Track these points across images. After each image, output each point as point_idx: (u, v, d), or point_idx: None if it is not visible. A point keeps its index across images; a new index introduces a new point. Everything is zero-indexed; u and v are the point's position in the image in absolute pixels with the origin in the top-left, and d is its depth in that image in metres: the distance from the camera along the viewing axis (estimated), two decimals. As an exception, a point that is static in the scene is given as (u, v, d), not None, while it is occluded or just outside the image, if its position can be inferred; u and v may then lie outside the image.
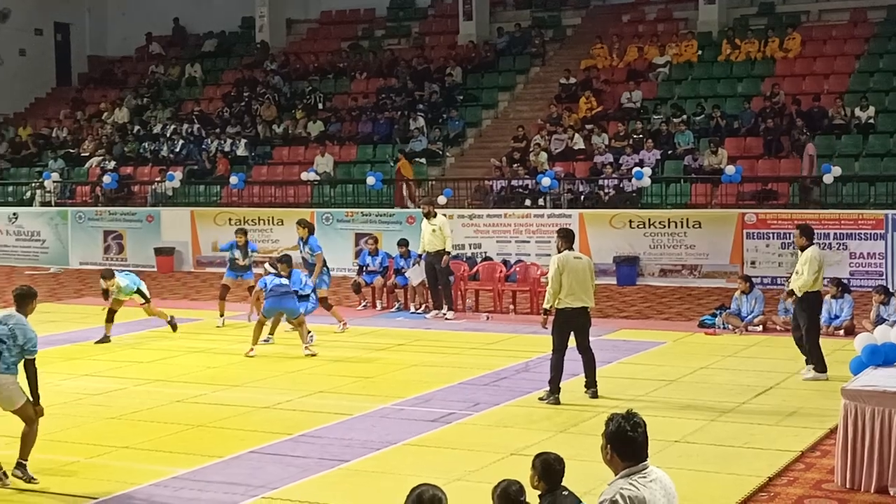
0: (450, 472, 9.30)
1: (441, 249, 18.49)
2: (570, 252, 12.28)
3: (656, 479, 5.09)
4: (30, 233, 28.38)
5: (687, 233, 22.44)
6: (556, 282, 12.06)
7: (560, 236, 12.48)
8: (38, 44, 37.62)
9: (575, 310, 12.10)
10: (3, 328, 9.14)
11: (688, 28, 30.33)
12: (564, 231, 12.63)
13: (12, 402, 9.21)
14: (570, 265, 12.09)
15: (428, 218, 18.62)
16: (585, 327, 12.32)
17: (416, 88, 30.18)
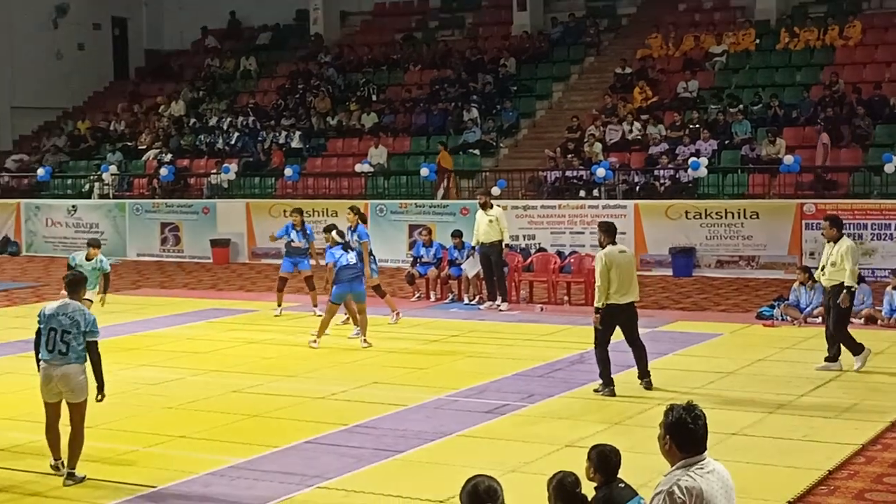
0: (504, 464, 9.26)
1: (497, 241, 18.41)
2: (615, 246, 12.13)
3: (714, 470, 5.04)
4: (88, 225, 28.71)
5: (744, 223, 22.19)
6: (605, 279, 11.89)
7: (602, 230, 12.32)
8: (96, 38, 38.05)
9: (622, 305, 11.97)
10: (64, 319, 9.17)
11: (745, 16, 29.96)
12: (606, 225, 12.47)
13: (77, 395, 9.22)
14: (616, 260, 11.95)
15: (484, 209, 18.54)
16: (633, 321, 12.21)
17: (469, 80, 30.12)
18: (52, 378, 9.17)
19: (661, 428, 5.08)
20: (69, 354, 9.13)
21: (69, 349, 9.13)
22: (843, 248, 12.93)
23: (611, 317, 12.01)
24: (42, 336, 9.24)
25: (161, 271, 25.46)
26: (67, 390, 9.19)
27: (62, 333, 9.13)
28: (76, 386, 9.18)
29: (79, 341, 9.15)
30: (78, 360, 9.17)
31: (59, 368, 9.13)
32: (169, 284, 23.10)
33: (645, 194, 23.96)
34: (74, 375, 9.16)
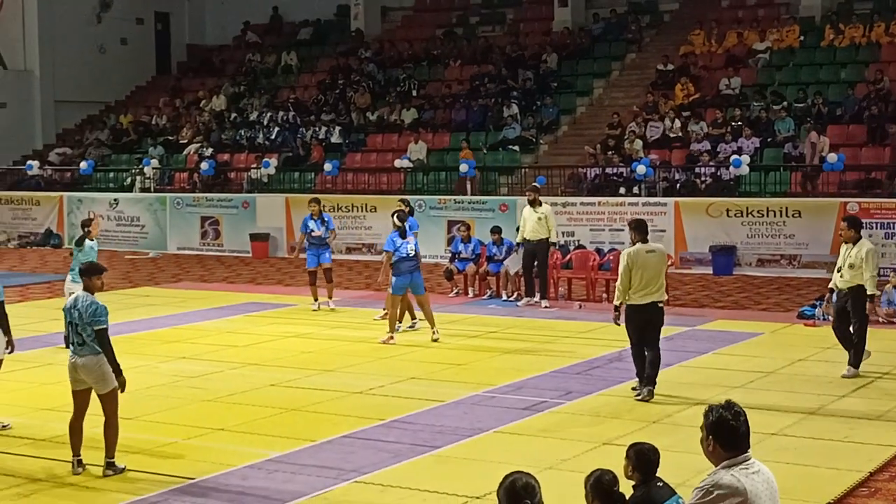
0: (541, 461, 9.23)
1: (544, 238, 18.26)
2: (643, 245, 11.67)
3: (759, 471, 4.97)
4: (130, 218, 28.95)
5: (786, 222, 21.98)
6: (625, 278, 11.53)
7: (632, 228, 11.89)
8: (139, 33, 38.33)
9: (643, 306, 11.57)
10: (75, 312, 9.31)
11: (789, 13, 29.68)
12: (636, 222, 12.03)
13: (106, 383, 9.29)
14: (640, 260, 11.53)
15: (533, 206, 18.37)
16: (656, 324, 11.75)
17: (510, 76, 30.05)
18: (76, 367, 9.34)
19: (703, 430, 5.02)
20: (85, 345, 9.27)
21: (84, 340, 9.28)
22: (864, 252, 12.45)
23: (635, 317, 11.63)
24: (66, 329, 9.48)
25: (201, 265, 25.62)
26: (92, 381, 9.32)
27: (76, 326, 9.31)
28: (99, 376, 9.28)
29: (87, 333, 9.25)
30: (94, 351, 9.28)
31: (81, 359, 9.28)
32: (209, 278, 23.23)
33: (686, 192, 23.80)
34: (94, 366, 9.26)
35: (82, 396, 9.41)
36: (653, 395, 11.60)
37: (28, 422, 11.07)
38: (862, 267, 12.39)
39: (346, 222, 26.05)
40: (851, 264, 12.49)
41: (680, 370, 13.25)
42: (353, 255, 26.05)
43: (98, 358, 9.26)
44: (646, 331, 11.67)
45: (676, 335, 15.64)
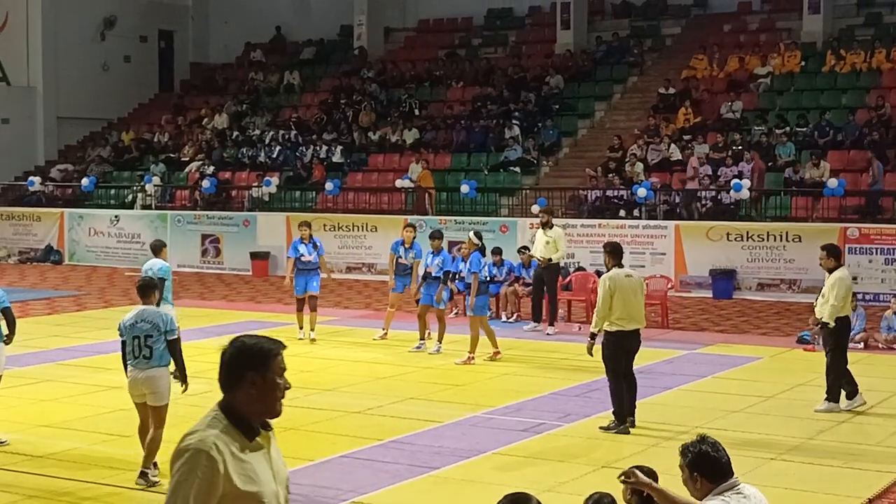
0: (540, 483, 9.21)
1: (554, 262, 18.11)
2: (621, 270, 11.44)
3: (750, 495, 4.98)
4: (130, 235, 28.97)
5: (786, 246, 22.00)
6: (605, 304, 11.20)
7: (607, 252, 11.64)
8: (143, 51, 38.45)
9: (627, 333, 11.35)
10: (143, 325, 9.49)
11: (791, 38, 29.77)
12: (612, 246, 11.80)
13: (159, 398, 9.54)
14: (620, 285, 11.28)
15: (544, 228, 18.33)
16: (635, 350, 11.56)
17: (512, 97, 30.13)
18: (138, 381, 9.51)
19: (685, 469, 5.02)
20: (152, 358, 9.49)
21: (152, 353, 9.50)
22: (832, 280, 12.06)
23: (617, 344, 11.36)
24: (126, 346, 9.55)
25: (201, 283, 25.61)
26: (150, 393, 9.51)
27: (144, 339, 9.47)
28: (158, 389, 9.54)
29: (159, 344, 9.49)
30: (161, 363, 9.56)
31: (144, 372, 9.47)
32: (208, 296, 23.22)
33: (686, 215, 23.82)
34: (158, 378, 9.54)
35: (145, 408, 9.62)
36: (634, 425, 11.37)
37: (26, 438, 11.05)
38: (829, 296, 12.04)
39: (346, 242, 26.06)
40: (823, 293, 12.20)
41: (679, 394, 13.24)
42: (354, 274, 26.06)
43: (162, 371, 9.56)
44: (624, 360, 11.47)
45: (676, 359, 15.65)
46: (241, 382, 4.07)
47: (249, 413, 4.08)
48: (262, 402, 4.09)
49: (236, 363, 4.09)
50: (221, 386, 4.11)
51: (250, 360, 4.09)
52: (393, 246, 17.42)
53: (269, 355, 4.12)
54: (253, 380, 4.05)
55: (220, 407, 4.09)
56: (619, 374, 11.36)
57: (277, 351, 4.14)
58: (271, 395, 4.09)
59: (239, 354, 4.11)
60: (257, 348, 4.12)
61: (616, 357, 11.37)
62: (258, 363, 4.09)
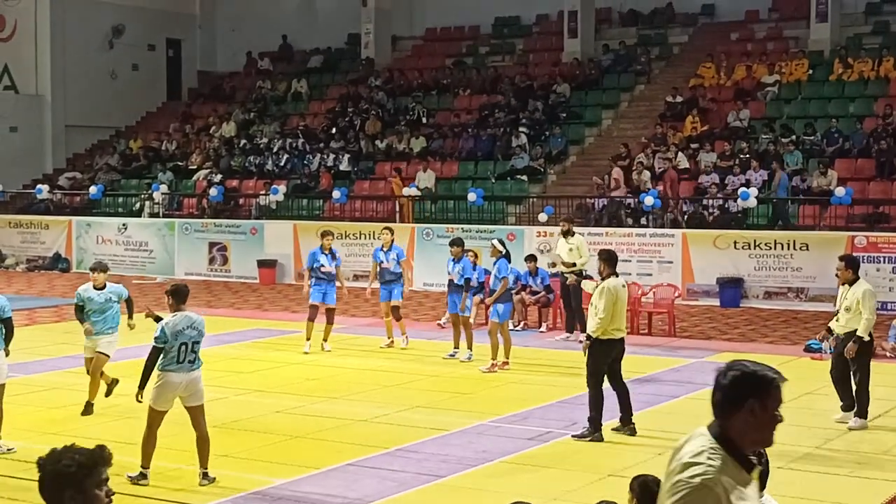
0: (546, 491, 9.20)
1: (577, 270, 17.91)
2: (617, 279, 11.53)
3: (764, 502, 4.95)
4: (138, 243, 29.01)
5: (794, 255, 21.96)
6: (609, 311, 11.27)
7: (603, 259, 11.67)
8: (151, 59, 38.55)
9: (616, 341, 11.47)
10: (191, 331, 9.68)
11: (798, 47, 29.76)
12: (608, 253, 11.85)
13: (200, 397, 9.80)
14: (619, 295, 11.39)
15: (566, 237, 18.23)
16: (621, 357, 11.67)
17: (519, 106, 30.14)
18: (176, 386, 9.63)
19: None
20: (196, 362, 9.73)
21: (196, 358, 9.73)
22: (860, 293, 11.77)
23: (606, 353, 11.44)
24: (170, 350, 9.62)
25: (208, 290, 25.63)
26: (190, 395, 9.71)
27: (192, 345, 9.66)
28: (199, 389, 9.78)
29: (199, 347, 9.77)
30: (201, 366, 9.83)
31: (187, 375, 9.66)
32: (215, 304, 23.24)
33: (693, 223, 23.80)
34: (200, 380, 9.80)
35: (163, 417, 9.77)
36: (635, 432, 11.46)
37: (34, 446, 11.04)
38: (859, 310, 11.73)
39: (353, 249, 26.07)
40: (848, 307, 11.84)
41: (687, 402, 13.22)
42: (361, 282, 26.01)
43: (200, 372, 9.84)
44: (611, 367, 11.54)
45: (683, 367, 15.63)
46: (740, 409, 3.96)
47: (743, 442, 3.98)
48: (759, 432, 3.98)
49: (738, 388, 3.99)
50: (716, 411, 4.02)
51: (754, 386, 3.99)
52: (374, 253, 17.37)
53: (772, 384, 4.01)
54: (752, 407, 3.95)
55: (713, 433, 3.98)
56: (601, 382, 11.45)
57: (780, 381, 4.04)
58: (769, 426, 3.98)
59: (743, 379, 4.01)
60: (761, 375, 4.02)
61: (602, 364, 11.45)
62: (762, 391, 3.98)
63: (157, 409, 9.68)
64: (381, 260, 17.03)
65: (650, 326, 19.08)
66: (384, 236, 17.33)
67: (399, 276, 17.01)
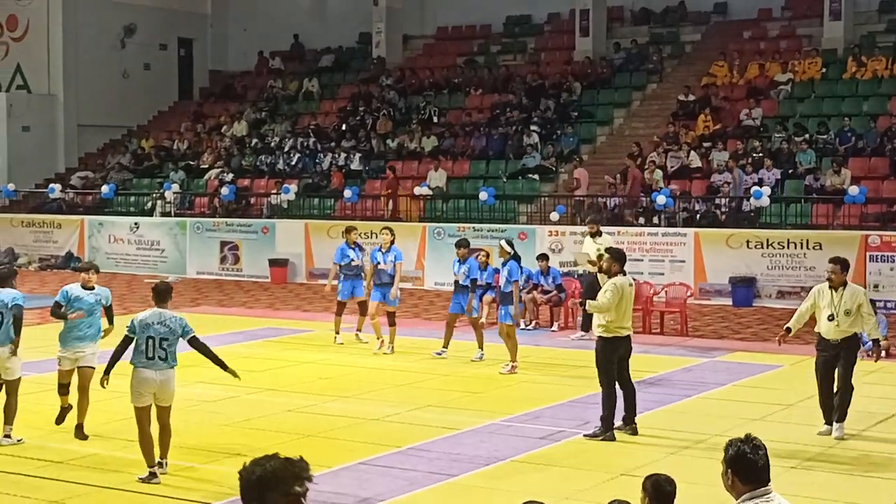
0: (558, 491, 9.17)
1: None
2: (625, 278, 11.51)
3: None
4: (149, 242, 29.05)
5: (807, 254, 21.88)
6: (612, 303, 11.24)
7: (614, 258, 11.69)
8: (163, 58, 38.61)
9: (624, 338, 11.49)
10: (160, 327, 9.63)
11: (812, 45, 29.66)
12: (618, 252, 11.89)
13: (169, 399, 9.80)
14: (625, 293, 11.39)
15: (594, 237, 18.16)
16: (629, 356, 11.65)
17: (531, 104, 30.10)
18: (151, 383, 9.60)
19: (723, 464, 5.01)
20: (168, 360, 9.65)
21: (167, 355, 9.64)
22: (861, 295, 11.45)
23: (613, 351, 11.45)
24: (139, 344, 9.65)
25: (220, 289, 25.66)
26: (162, 395, 9.68)
27: (160, 341, 9.58)
28: (171, 391, 9.75)
29: (174, 347, 9.67)
30: (174, 366, 9.74)
31: (161, 373, 9.62)
32: (227, 303, 23.26)
33: (706, 223, 23.73)
34: (172, 381, 9.74)
35: (147, 412, 9.74)
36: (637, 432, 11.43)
37: (47, 443, 11.08)
38: (859, 314, 11.35)
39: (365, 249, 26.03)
40: (848, 310, 11.34)
41: (699, 402, 13.18)
42: (371, 281, 26.01)
43: (173, 372, 9.75)
44: (622, 364, 11.55)
45: (695, 367, 15.59)
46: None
47: None
48: None
49: None
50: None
51: None
52: (372, 254, 16.96)
53: None
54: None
55: None
56: (613, 381, 11.44)
57: None
58: None
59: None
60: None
61: (611, 363, 11.45)
62: None
63: (138, 406, 9.69)
64: (379, 261, 16.68)
65: (662, 326, 19.04)
66: (383, 237, 16.98)
67: (393, 279, 16.66)
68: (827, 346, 11.48)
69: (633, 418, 11.55)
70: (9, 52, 36.25)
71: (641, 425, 11.73)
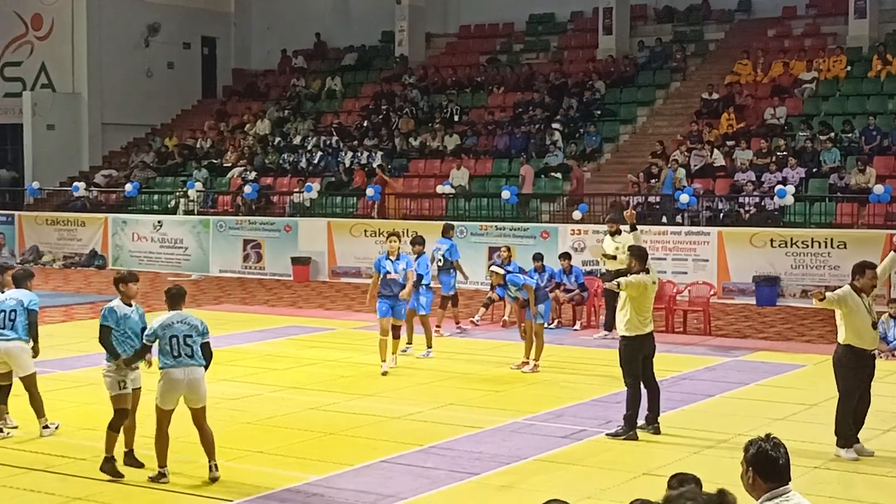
0: (581, 490, 9.15)
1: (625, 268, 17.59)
2: (647, 276, 11.50)
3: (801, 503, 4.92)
4: (173, 240, 29.17)
5: (831, 253, 21.76)
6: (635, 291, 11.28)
7: (635, 256, 11.64)
8: (186, 57, 38.75)
9: (645, 336, 11.47)
10: (183, 326, 9.58)
11: (836, 43, 29.49)
12: (640, 250, 11.80)
13: (203, 399, 9.67)
14: (647, 290, 11.44)
15: (613, 236, 18.14)
16: (653, 353, 11.63)
17: (553, 103, 30.05)
18: (179, 384, 9.49)
19: (743, 464, 5.01)
20: (195, 357, 9.52)
21: (193, 353, 9.52)
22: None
23: (637, 349, 11.44)
24: (163, 346, 9.50)
25: (242, 287, 25.74)
26: (192, 396, 9.57)
27: (184, 338, 9.51)
28: (202, 391, 9.63)
29: (198, 346, 9.57)
30: (202, 364, 9.60)
31: (189, 372, 9.49)
32: (250, 301, 23.33)
33: (729, 221, 23.64)
34: (202, 381, 9.62)
35: (171, 415, 9.65)
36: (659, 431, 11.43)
37: (72, 441, 11.14)
38: None
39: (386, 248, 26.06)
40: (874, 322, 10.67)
41: (722, 401, 13.13)
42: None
43: (202, 371, 9.61)
44: (647, 362, 11.56)
45: (718, 366, 15.53)
46: None
47: None
48: None
49: None
50: None
51: None
52: (376, 263, 15.13)
53: None
54: None
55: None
56: (638, 379, 11.43)
57: None
58: None
59: None
60: None
61: (635, 361, 11.46)
62: None
63: (163, 409, 9.58)
64: (388, 270, 14.93)
65: (685, 325, 18.98)
66: (391, 244, 15.09)
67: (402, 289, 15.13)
68: (868, 360, 10.64)
69: (656, 417, 11.55)
70: (34, 51, 36.46)
71: (664, 424, 11.69)
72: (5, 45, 36.87)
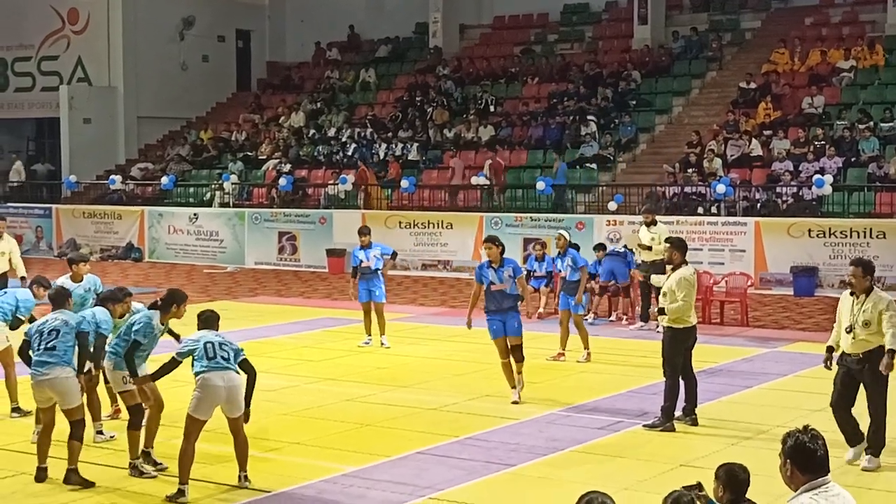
0: (618, 481, 9.10)
1: (659, 260, 17.39)
2: (688, 267, 11.45)
3: (840, 494, 4.89)
4: (209, 233, 29.31)
5: (870, 243, 21.53)
6: (689, 300, 11.25)
7: (676, 247, 11.53)
8: (221, 50, 38.91)
9: (691, 328, 11.43)
10: (217, 338, 9.25)
11: (875, 31, 29.16)
12: (680, 241, 11.76)
13: (241, 407, 9.19)
14: (693, 282, 11.45)
15: (648, 227, 17.95)
16: (693, 346, 11.60)
17: (588, 93, 29.91)
18: (218, 392, 9.05)
19: (781, 456, 4.96)
20: (231, 362, 9.14)
21: (230, 358, 9.15)
22: (884, 305, 9.77)
23: (682, 341, 11.38)
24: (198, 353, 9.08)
25: (278, 279, 25.82)
26: (231, 406, 9.16)
27: (219, 345, 9.16)
28: (241, 400, 9.18)
29: (233, 354, 9.19)
30: (237, 370, 9.21)
31: (228, 378, 9.06)
32: (285, 293, 23.40)
33: (766, 212, 23.44)
34: (242, 389, 9.16)
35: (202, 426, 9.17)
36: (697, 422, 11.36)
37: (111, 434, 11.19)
38: (881, 324, 9.76)
39: (422, 239, 26.12)
40: (867, 321, 9.80)
41: (760, 392, 13.03)
42: (430, 271, 26.09)
43: (242, 380, 9.18)
44: (687, 354, 11.52)
45: (756, 357, 15.42)
46: None
47: None
48: None
49: None
50: None
51: None
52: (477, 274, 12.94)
53: None
54: None
55: None
56: (678, 372, 11.37)
57: None
58: None
59: None
60: None
61: (679, 354, 11.39)
62: None
63: (196, 418, 9.03)
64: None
65: (722, 316, 18.85)
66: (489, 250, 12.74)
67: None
68: (847, 361, 10.06)
69: (693, 409, 11.47)
70: (70, 45, 36.73)
71: (701, 416, 11.61)
72: (42, 39, 37.16)
